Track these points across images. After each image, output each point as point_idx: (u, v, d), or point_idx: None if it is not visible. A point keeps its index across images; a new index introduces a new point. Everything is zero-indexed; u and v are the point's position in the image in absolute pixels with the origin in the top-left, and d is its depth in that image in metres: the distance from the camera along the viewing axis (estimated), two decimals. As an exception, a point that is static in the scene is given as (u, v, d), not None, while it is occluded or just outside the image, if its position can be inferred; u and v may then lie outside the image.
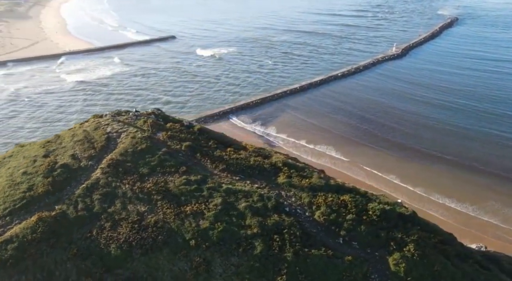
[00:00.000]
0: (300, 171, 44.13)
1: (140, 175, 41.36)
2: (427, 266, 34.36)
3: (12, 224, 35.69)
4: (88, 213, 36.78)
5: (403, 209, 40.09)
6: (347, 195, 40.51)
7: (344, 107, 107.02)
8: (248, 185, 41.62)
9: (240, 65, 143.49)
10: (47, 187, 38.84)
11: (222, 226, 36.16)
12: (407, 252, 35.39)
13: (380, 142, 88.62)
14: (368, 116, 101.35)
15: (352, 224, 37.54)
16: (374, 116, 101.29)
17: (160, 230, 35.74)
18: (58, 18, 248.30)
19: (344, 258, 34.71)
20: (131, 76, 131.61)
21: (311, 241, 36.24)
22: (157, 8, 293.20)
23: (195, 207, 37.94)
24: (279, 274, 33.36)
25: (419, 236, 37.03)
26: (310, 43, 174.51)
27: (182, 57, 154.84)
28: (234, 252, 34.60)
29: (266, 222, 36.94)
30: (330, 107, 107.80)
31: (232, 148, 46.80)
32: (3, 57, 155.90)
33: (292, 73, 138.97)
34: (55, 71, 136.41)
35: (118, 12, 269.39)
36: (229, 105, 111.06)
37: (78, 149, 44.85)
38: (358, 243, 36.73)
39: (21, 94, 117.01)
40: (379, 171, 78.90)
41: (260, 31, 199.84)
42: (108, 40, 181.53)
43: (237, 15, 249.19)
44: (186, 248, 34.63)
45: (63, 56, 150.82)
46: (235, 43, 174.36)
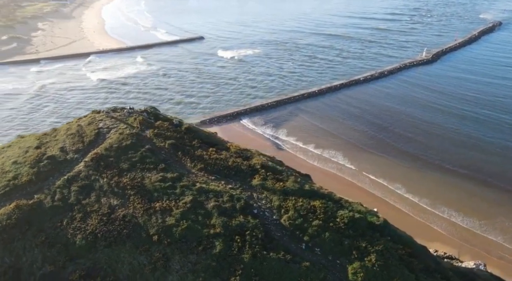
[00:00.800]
0: (277, 174, 44.04)
1: (120, 170, 42.87)
2: (386, 278, 33.34)
3: (-7, 209, 38.22)
4: (63, 203, 38.68)
5: (374, 218, 39.03)
6: (319, 201, 40.00)
7: (360, 114, 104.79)
8: (222, 185, 42.10)
9: (260, 67, 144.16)
10: (31, 177, 41.20)
11: (186, 224, 36.84)
12: (368, 262, 34.51)
13: (392, 151, 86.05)
14: (383, 124, 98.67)
15: (317, 230, 37.06)
16: (389, 124, 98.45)
17: (126, 224, 36.98)
18: (98, 18, 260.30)
19: (302, 264, 34.37)
20: (152, 76, 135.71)
21: (273, 244, 36.13)
22: (190, 9, 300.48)
23: (165, 204, 38.89)
24: (233, 274, 33.56)
25: (385, 247, 35.98)
26: (336, 46, 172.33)
27: (204, 58, 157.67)
28: (194, 250, 35.16)
29: (231, 223, 37.23)
30: (345, 113, 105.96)
31: (215, 148, 47.43)
32: (42, 55, 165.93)
33: (313, 76, 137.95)
34: (81, 69, 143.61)
35: (153, 13, 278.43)
36: (243, 106, 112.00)
37: (68, 143, 47.17)
38: (320, 249, 36.22)
39: (47, 90, 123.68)
40: (385, 180, 76.79)
41: (287, 33, 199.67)
42: (139, 40, 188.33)
43: (267, 17, 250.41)
44: (148, 243, 35.61)
45: (92, 55, 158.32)
46: (260, 45, 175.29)
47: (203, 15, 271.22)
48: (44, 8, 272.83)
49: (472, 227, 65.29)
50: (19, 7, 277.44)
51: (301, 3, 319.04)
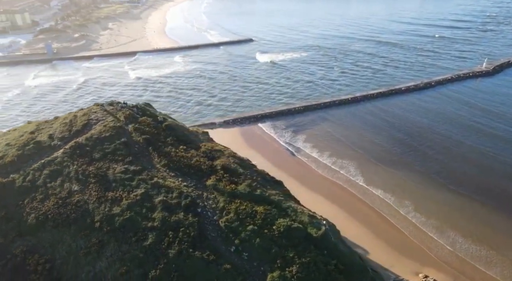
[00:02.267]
0: (235, 177, 44.35)
1: (91, 159, 46.21)
2: (300, 291, 32.31)
3: (-26, 184, 43.43)
4: (31, 184, 42.80)
5: (314, 230, 37.69)
6: (263, 207, 39.75)
7: (385, 127, 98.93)
8: (177, 182, 43.48)
9: (296, 72, 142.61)
10: (14, 158, 46.10)
11: (129, 215, 38.87)
12: (288, 272, 33.72)
13: (407, 169, 79.02)
14: (406, 140, 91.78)
15: (249, 235, 36.91)
16: (414, 141, 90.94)
17: (77, 209, 39.96)
18: (162, 19, 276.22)
19: (223, 266, 34.52)
20: (187, 76, 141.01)
21: (204, 244, 36.73)
22: (250, 12, 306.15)
23: (117, 194, 41.30)
24: (156, 267, 34.81)
25: (313, 260, 34.81)
26: (386, 54, 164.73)
27: (242, 61, 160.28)
28: (128, 240, 37.03)
29: (170, 219, 38.50)
30: (369, 125, 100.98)
31: (185, 147, 48.96)
32: (104, 51, 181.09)
33: (351, 84, 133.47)
34: (125, 67, 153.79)
35: (210, 15, 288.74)
36: (267, 110, 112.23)
37: (58, 130, 51.79)
38: (248, 254, 36.05)
39: (89, 84, 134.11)
40: (392, 198, 71.84)
41: (337, 39, 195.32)
42: (191, 41, 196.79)
43: (321, 22, 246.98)
44: (90, 229, 38.18)
45: (138, 54, 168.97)
46: (304, 50, 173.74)
47: (260, 17, 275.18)
48: (118, 10, 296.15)
49: (474, 259, 59.11)
50: (97, 9, 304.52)
51: (365, 7, 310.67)
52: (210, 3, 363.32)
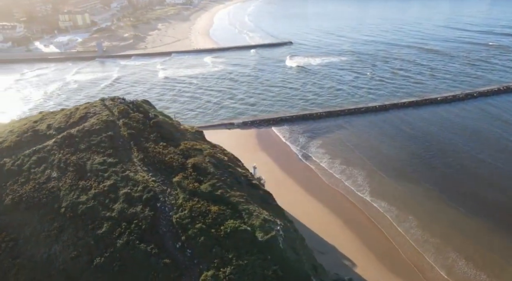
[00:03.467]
0: (202, 176, 44.92)
1: (76, 149, 49.23)
2: (228, 293, 32.15)
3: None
4: (18, 169, 46.59)
5: (261, 234, 37.18)
6: (218, 207, 40.01)
7: (403, 140, 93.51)
8: (147, 177, 45.00)
9: (324, 78, 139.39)
10: (11, 144, 50.42)
11: (92, 203, 41.03)
12: (221, 273, 33.66)
13: (418, 187, 73.46)
14: (424, 155, 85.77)
15: (196, 233, 37.34)
16: (432, 157, 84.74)
17: (50, 194, 42.88)
18: (209, 21, 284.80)
19: (164, 260, 35.33)
20: (213, 77, 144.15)
21: (153, 237, 37.80)
22: (293, 15, 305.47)
23: (89, 183, 43.73)
24: (102, 255, 36.49)
25: (251, 263, 34.47)
26: (428, 63, 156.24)
27: (271, 64, 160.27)
28: (85, 228, 39.14)
29: (127, 210, 40.08)
30: (388, 136, 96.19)
31: (165, 144, 50.46)
32: (149, 50, 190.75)
33: (382, 91, 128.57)
34: (157, 66, 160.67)
35: (254, 18, 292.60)
36: (282, 113, 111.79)
37: (57, 121, 55.67)
38: (191, 251, 36.53)
39: (120, 81, 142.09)
40: (392, 215, 68.39)
41: (378, 45, 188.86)
42: (230, 42, 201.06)
43: (367, 27, 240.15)
44: (55, 214, 40.83)
45: (173, 54, 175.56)
46: (340, 55, 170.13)
47: (305, 21, 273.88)
48: (169, 11, 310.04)
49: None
50: (151, 10, 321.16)
51: (424, 11, 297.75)
52: (259, 5, 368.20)
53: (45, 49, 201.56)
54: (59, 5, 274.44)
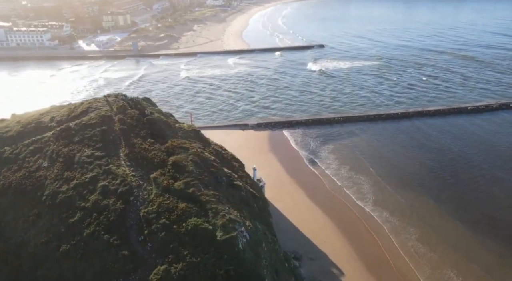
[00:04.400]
0: (179, 173, 45.80)
1: (70, 142, 51.84)
2: (175, 289, 32.71)
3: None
4: (14, 156, 49.91)
5: (221, 234, 37.31)
6: (185, 204, 40.69)
7: (416, 150, 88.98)
8: (127, 171, 46.57)
9: (346, 83, 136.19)
10: (14, 133, 54.07)
11: (70, 193, 43.16)
12: (173, 268, 34.25)
13: (423, 201, 69.97)
14: (434, 168, 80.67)
15: (159, 228, 38.21)
16: (443, 171, 79.61)
17: (37, 182, 45.61)
18: (244, 23, 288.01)
19: (122, 252, 36.51)
20: (233, 78, 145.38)
21: (118, 229, 39.14)
22: (330, 18, 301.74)
23: (73, 174, 46.00)
24: (69, 242, 38.36)
25: (204, 261, 34.83)
26: (463, 70, 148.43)
27: (292, 67, 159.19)
28: (60, 216, 41.27)
29: (101, 202, 41.77)
30: (401, 145, 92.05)
31: (152, 141, 51.95)
32: (181, 50, 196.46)
33: (406, 98, 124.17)
34: (180, 66, 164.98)
35: (288, 20, 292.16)
36: (298, 117, 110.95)
37: (60, 115, 58.93)
38: (152, 245, 37.42)
39: (144, 79, 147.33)
40: (389, 226, 65.68)
41: (412, 50, 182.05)
42: (260, 44, 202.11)
43: (404, 31, 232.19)
44: (37, 201, 43.39)
45: (199, 54, 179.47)
46: (369, 60, 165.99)
47: (340, 24, 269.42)
48: (207, 13, 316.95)
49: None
50: (190, 12, 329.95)
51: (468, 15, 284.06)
52: (297, 7, 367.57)
53: (86, 47, 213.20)
54: (104, 7, 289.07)
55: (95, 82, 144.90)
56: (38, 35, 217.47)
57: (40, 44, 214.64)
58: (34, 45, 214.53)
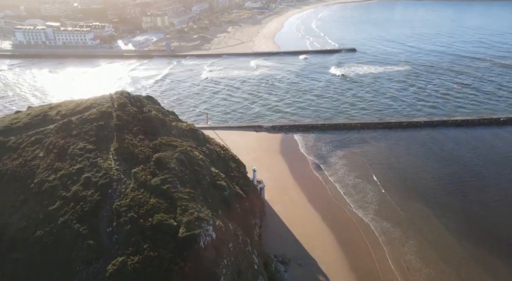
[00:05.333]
0: (160, 170, 47.03)
1: (68, 135, 54.72)
2: (129, 278, 33.83)
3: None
4: (16, 145, 53.43)
5: (183, 230, 37.93)
6: (157, 200, 41.81)
7: (431, 162, 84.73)
8: (112, 165, 48.50)
9: (368, 89, 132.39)
10: (21, 124, 57.89)
11: (55, 183, 45.66)
12: (130, 260, 35.34)
13: (424, 216, 66.87)
14: (446, 182, 76.68)
15: (126, 220, 39.56)
16: (454, 185, 75.79)
17: (30, 170, 48.63)
18: (278, 25, 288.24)
19: (87, 241, 38.19)
20: (252, 81, 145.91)
21: (90, 219, 40.95)
22: (369, 21, 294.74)
23: (62, 165, 48.62)
24: (44, 228, 40.61)
25: (161, 256, 35.63)
26: (500, 80, 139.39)
27: (314, 70, 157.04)
28: (43, 203, 43.78)
29: (80, 193, 43.86)
30: (413, 155, 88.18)
31: (142, 137, 53.71)
32: (211, 51, 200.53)
33: (430, 106, 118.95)
34: (203, 67, 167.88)
35: (322, 23, 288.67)
36: (312, 121, 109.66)
37: (66, 109, 62.34)
38: (117, 237, 38.80)
39: (166, 79, 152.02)
40: (383, 238, 63.26)
41: (444, 56, 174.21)
42: (289, 47, 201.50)
43: (443, 36, 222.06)
44: (26, 187, 46.26)
45: (224, 56, 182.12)
46: (396, 65, 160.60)
47: (381, 28, 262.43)
48: (243, 15, 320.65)
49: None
50: (228, 14, 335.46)
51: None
52: (335, 10, 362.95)
53: (123, 47, 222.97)
54: (146, 8, 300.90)
55: (121, 80, 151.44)
56: (81, 34, 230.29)
57: (83, 43, 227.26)
58: (78, 44, 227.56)
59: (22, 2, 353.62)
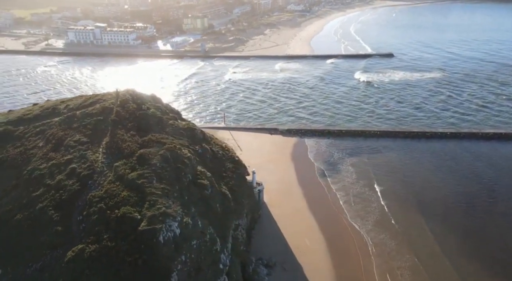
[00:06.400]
0: (140, 165, 48.77)
1: (68, 127, 58.29)
2: (83, 267, 35.74)
3: None
4: (22, 134, 57.75)
5: (144, 224, 39.15)
6: (128, 193, 43.47)
7: (442, 177, 79.22)
8: (100, 158, 51.05)
9: (392, 96, 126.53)
10: (31, 116, 62.44)
11: (44, 171, 48.88)
12: (88, 249, 37.12)
13: (422, 236, 62.76)
14: (455, 202, 70.57)
15: (95, 211, 41.60)
16: (464, 206, 70.43)
17: (27, 158, 52.49)
18: (318, 28, 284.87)
19: (56, 228, 40.59)
20: (273, 84, 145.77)
21: (65, 207, 43.57)
22: (413, 26, 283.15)
23: (55, 155, 51.97)
24: (22, 213, 43.66)
25: (117, 247, 37.18)
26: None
27: (341, 75, 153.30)
28: (29, 189, 47.10)
29: (64, 182, 46.65)
30: (426, 169, 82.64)
31: (134, 133, 55.89)
32: (245, 53, 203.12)
33: (456, 117, 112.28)
34: (229, 69, 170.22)
35: (361, 27, 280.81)
36: (330, 127, 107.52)
37: (74, 103, 66.31)
38: (85, 226, 40.88)
39: (193, 78, 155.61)
40: (378, 257, 60.24)
41: (485, 64, 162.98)
42: (323, 50, 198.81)
43: (490, 43, 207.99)
44: (19, 174, 49.92)
45: (252, 58, 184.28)
46: (429, 71, 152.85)
47: (418, 32, 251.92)
48: (283, 18, 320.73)
49: None
50: (268, 16, 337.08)
51: None
52: (379, 13, 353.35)
53: (162, 47, 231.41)
54: (188, 11, 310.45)
55: (148, 78, 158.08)
56: (125, 34, 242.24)
57: (126, 43, 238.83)
58: (121, 44, 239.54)
59: (79, 4, 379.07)
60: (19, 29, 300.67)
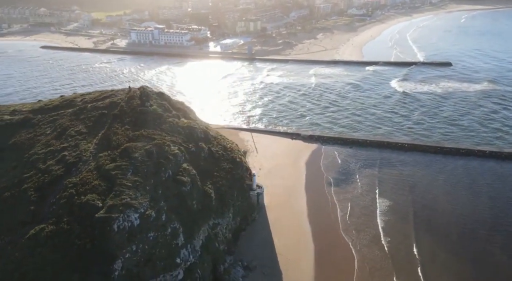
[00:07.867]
0: (121, 158, 51.58)
1: (75, 118, 63.49)
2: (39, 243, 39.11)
3: (25, 117, 68.20)
4: (36, 122, 63.89)
5: (102, 212, 41.51)
6: (102, 183, 46.45)
7: (457, 198, 72.92)
8: (90, 148, 54.93)
9: (425, 108, 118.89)
10: (51, 106, 68.75)
11: (40, 156, 53.74)
12: (46, 229, 40.41)
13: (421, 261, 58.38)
14: (468, 226, 65.11)
15: (65, 195, 44.95)
16: (475, 231, 64.34)
17: (32, 143, 58.17)
18: (375, 34, 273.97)
19: (31, 207, 44.47)
20: (303, 88, 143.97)
21: (46, 190, 47.68)
22: (484, 32, 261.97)
23: (56, 143, 56.90)
24: (10, 191, 48.39)
25: (71, 230, 40.23)
26: None
27: (378, 84, 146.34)
28: (23, 171, 52.09)
29: (50, 167, 50.98)
30: (441, 189, 76.01)
31: (128, 128, 59.14)
32: (289, 57, 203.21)
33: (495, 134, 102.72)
34: (263, 71, 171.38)
35: (423, 30, 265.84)
36: (351, 136, 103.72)
37: (90, 97, 71.70)
38: (55, 208, 44.42)
39: (228, 79, 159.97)
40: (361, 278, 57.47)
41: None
42: (374, 56, 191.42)
43: None
44: (21, 157, 55.36)
45: (290, 62, 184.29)
46: (476, 83, 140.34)
47: (496, 40, 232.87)
48: (340, 22, 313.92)
49: None
50: (325, 20, 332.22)
51: None
52: (448, 18, 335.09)
53: (212, 48, 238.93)
54: (245, 14, 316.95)
55: (186, 77, 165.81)
56: (180, 36, 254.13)
57: (180, 44, 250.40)
58: (176, 44, 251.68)
59: (147, 7, 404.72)
60: (93, 30, 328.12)
